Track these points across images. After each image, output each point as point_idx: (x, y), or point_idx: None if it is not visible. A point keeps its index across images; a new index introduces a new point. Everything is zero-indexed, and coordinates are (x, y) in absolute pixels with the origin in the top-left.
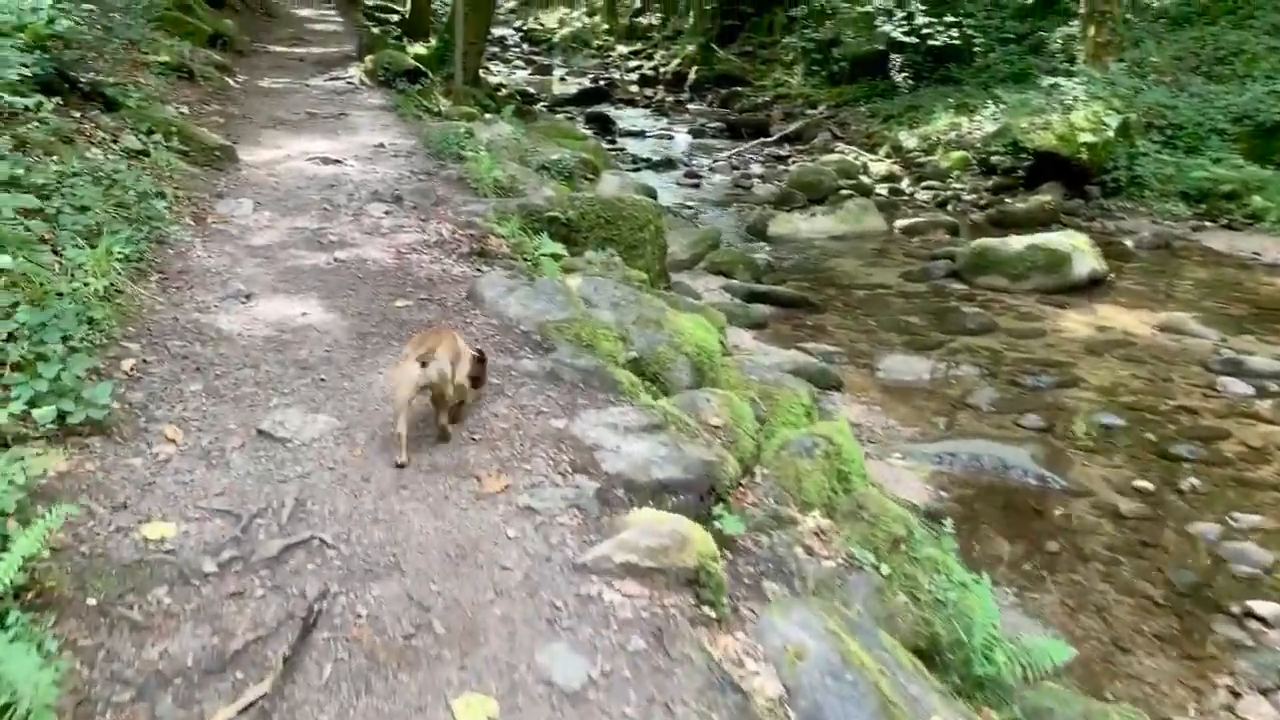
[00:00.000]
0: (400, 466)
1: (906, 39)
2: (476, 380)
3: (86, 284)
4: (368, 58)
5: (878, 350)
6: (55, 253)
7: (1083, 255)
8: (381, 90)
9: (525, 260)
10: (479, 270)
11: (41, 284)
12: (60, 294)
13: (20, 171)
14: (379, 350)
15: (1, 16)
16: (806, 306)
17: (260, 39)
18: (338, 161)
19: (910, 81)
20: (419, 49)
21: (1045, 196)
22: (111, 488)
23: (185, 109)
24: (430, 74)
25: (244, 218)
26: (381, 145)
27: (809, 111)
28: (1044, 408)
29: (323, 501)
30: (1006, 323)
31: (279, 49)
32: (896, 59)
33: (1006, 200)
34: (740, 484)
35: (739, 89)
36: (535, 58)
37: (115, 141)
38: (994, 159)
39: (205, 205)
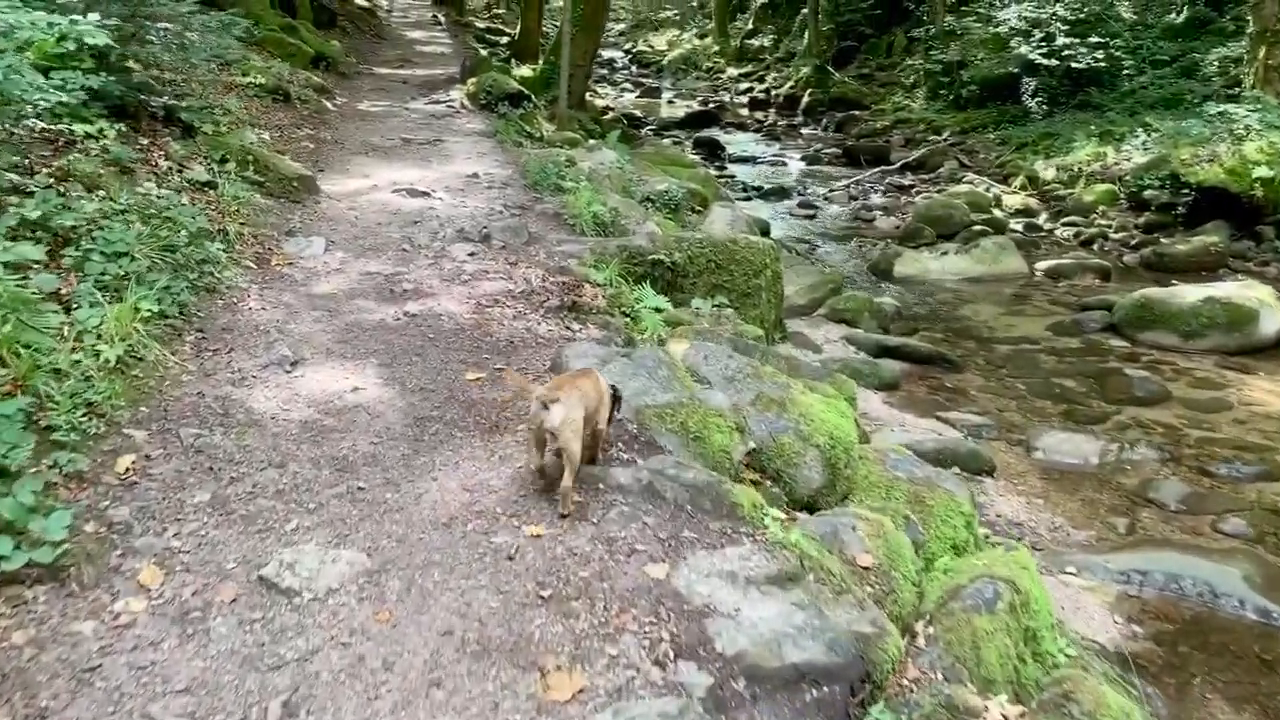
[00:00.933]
0: (563, 517)
1: (1045, 61)
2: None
3: (96, 352)
4: (470, 80)
5: (1031, 422)
6: (67, 311)
7: (1271, 311)
8: (482, 114)
9: (623, 315)
10: (569, 329)
11: (33, 357)
12: (58, 370)
13: (42, 212)
14: (438, 444)
15: (26, 34)
16: (943, 363)
17: (366, 60)
18: (425, 194)
19: (1044, 107)
20: (524, 71)
21: (1211, 237)
22: (34, 678)
23: (273, 134)
24: (534, 97)
25: (312, 259)
26: (475, 175)
27: (932, 138)
28: (1247, 507)
29: (322, 709)
30: (1182, 391)
31: (384, 70)
32: (1029, 82)
33: (1162, 240)
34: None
35: (856, 113)
36: (644, 80)
37: (181, 172)
38: (1146, 193)
39: (272, 244)
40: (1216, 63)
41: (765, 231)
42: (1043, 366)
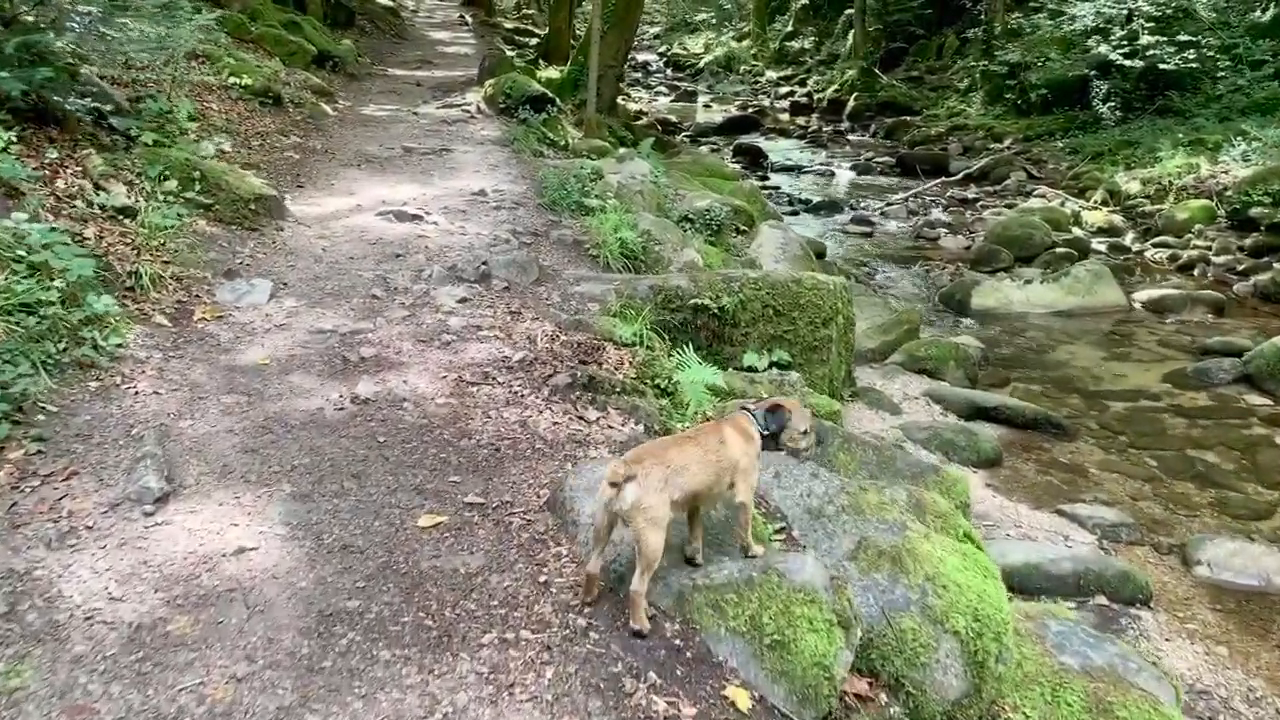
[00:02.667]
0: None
1: (1127, 61)
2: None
3: None
4: (488, 83)
5: (1178, 517)
6: None
7: None
8: (500, 120)
9: (656, 389)
10: (581, 419)
11: None
12: None
13: None
14: (345, 680)
15: None
16: (1050, 428)
17: (382, 60)
18: (417, 217)
19: (1118, 113)
20: (551, 73)
21: None
22: None
23: (251, 142)
24: (559, 101)
25: (251, 310)
26: (482, 193)
27: (993, 146)
28: None
29: None
30: None
31: (399, 72)
32: (1102, 85)
33: (1276, 265)
34: None
35: (906, 118)
36: (679, 84)
37: (97, 193)
38: (1253, 211)
39: (202, 290)
40: None
41: (821, 254)
42: (1171, 433)
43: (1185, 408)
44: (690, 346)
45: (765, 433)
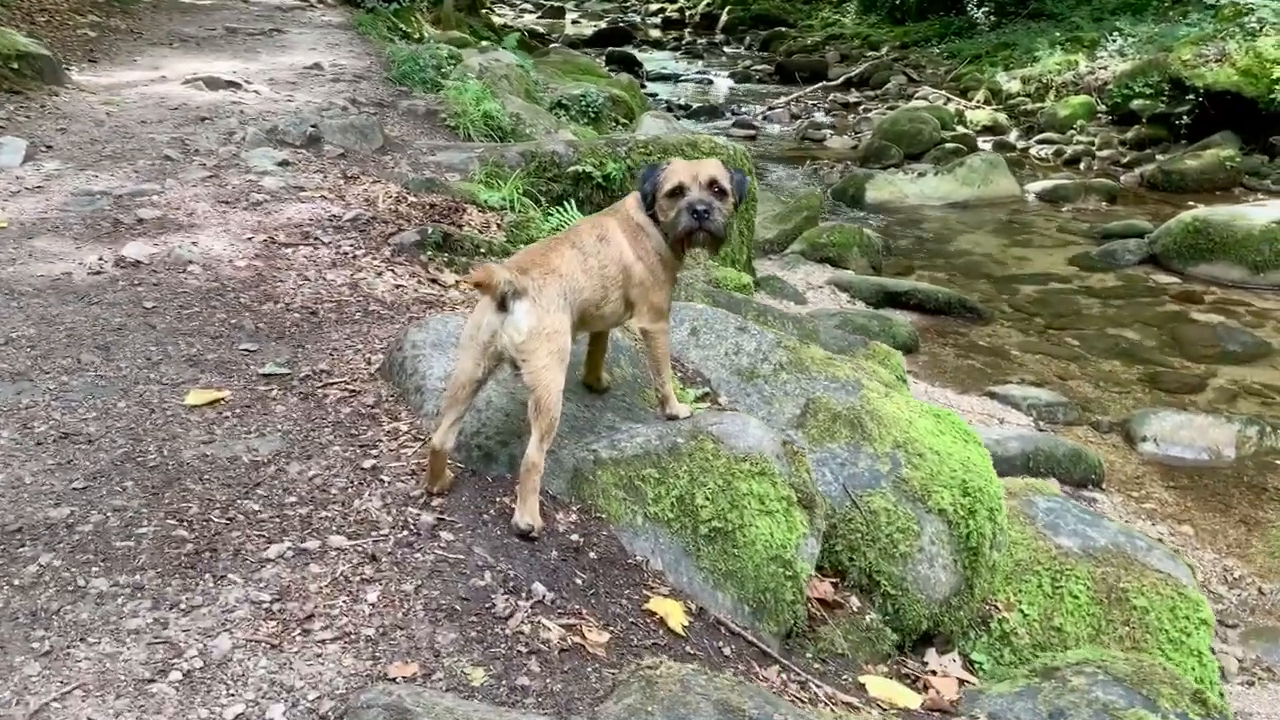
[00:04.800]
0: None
1: None
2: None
3: None
4: None
5: (1112, 395)
6: None
7: None
8: (344, 9)
9: None
10: (433, 282)
11: None
12: None
13: None
14: (24, 624)
15: None
16: (966, 312)
17: None
18: (233, 84)
19: (992, 17)
20: None
21: (1224, 150)
22: None
23: (36, 18)
24: None
25: None
26: (317, 66)
27: (870, 54)
28: None
29: None
30: None
31: None
32: None
33: (1159, 156)
34: None
35: (781, 29)
36: (544, 2)
37: None
38: (1134, 104)
39: None
40: None
41: None
42: (1087, 314)
43: (1096, 289)
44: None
45: (650, 212)
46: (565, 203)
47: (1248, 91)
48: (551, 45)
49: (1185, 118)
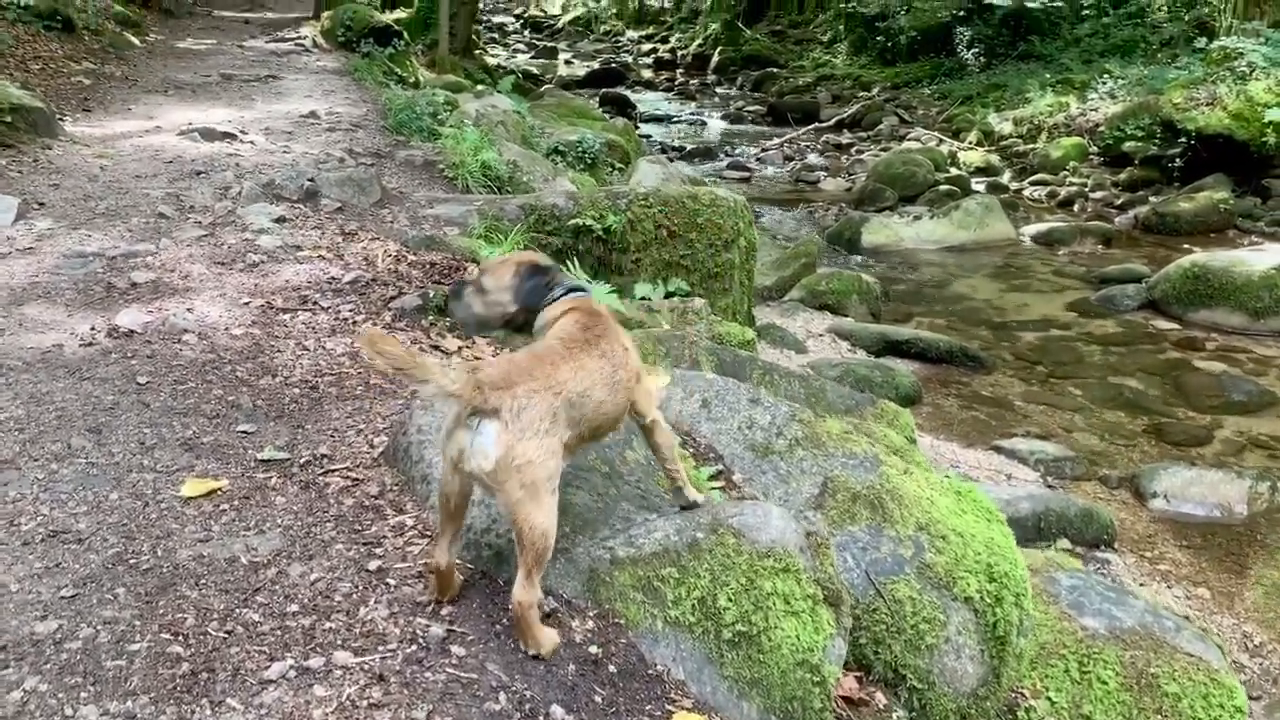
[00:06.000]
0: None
1: (997, 1)
2: None
3: None
4: (324, 14)
5: (1118, 448)
6: None
7: None
8: (339, 53)
9: None
10: (436, 349)
11: None
12: None
13: None
14: None
15: None
16: (966, 361)
17: (208, 2)
18: (229, 136)
19: (982, 58)
20: (397, 13)
21: (1217, 194)
22: None
23: (32, 67)
24: (407, 38)
25: None
26: (313, 115)
27: (861, 94)
28: None
29: None
30: None
31: (225, 13)
32: (964, 32)
33: (1151, 199)
34: None
35: (773, 70)
36: (538, 43)
37: None
38: (1126, 146)
39: None
40: (1164, 8)
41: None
42: (1089, 361)
43: (1096, 335)
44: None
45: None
46: (569, 261)
47: (1239, 135)
48: (545, 87)
49: (1178, 160)
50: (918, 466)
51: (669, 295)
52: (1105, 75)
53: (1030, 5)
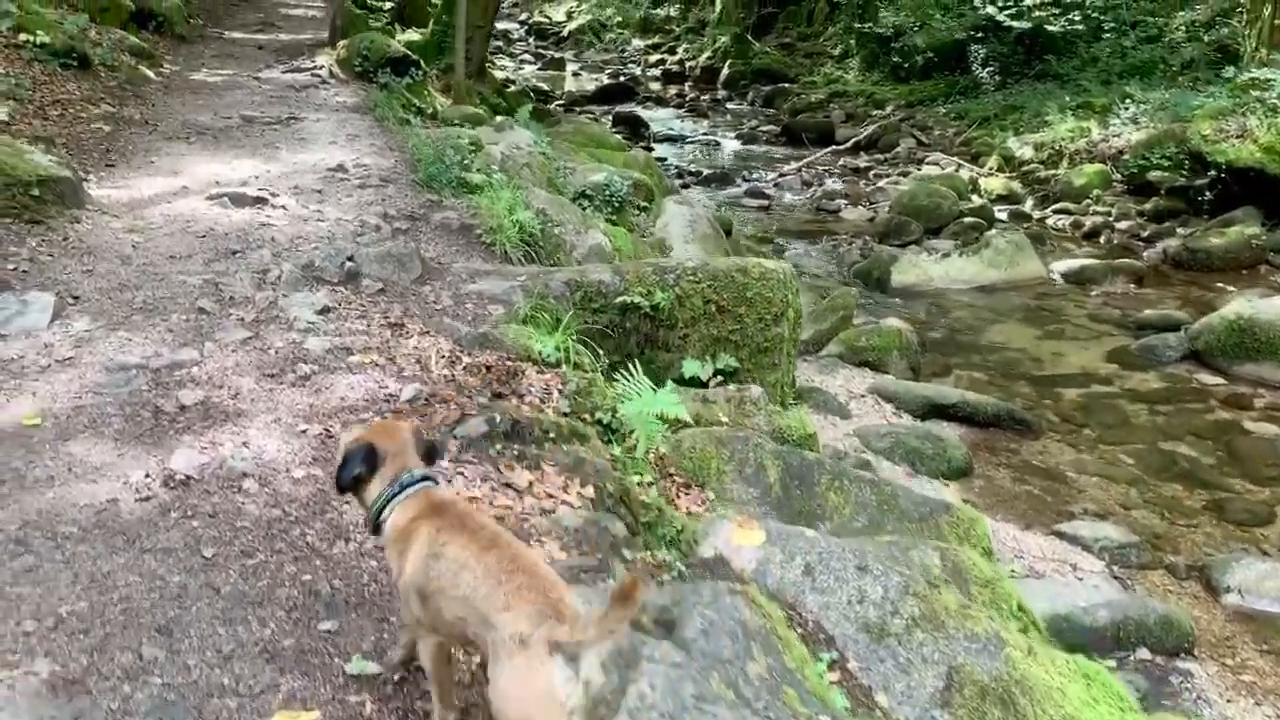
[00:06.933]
0: None
1: (1014, 24)
2: None
3: None
4: (341, 43)
5: (1180, 529)
6: None
7: None
8: (357, 84)
9: (601, 431)
10: (508, 486)
11: None
12: None
13: None
14: None
15: None
16: (1014, 425)
17: (218, 23)
18: (260, 201)
19: (997, 77)
20: (411, 35)
21: (1249, 228)
22: None
23: (50, 112)
24: (423, 65)
25: (22, 340)
26: (341, 168)
27: (875, 113)
28: None
29: None
30: None
31: (237, 35)
32: (979, 50)
33: (1179, 230)
34: None
35: (784, 86)
36: (544, 52)
37: None
38: (1151, 175)
39: None
40: (1183, 28)
41: (729, 231)
42: (1136, 423)
43: (1140, 391)
44: (627, 360)
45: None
46: (611, 337)
47: (1270, 169)
48: (556, 104)
49: (1207, 192)
50: (1038, 640)
51: (717, 373)
52: (1127, 99)
53: (1050, 29)
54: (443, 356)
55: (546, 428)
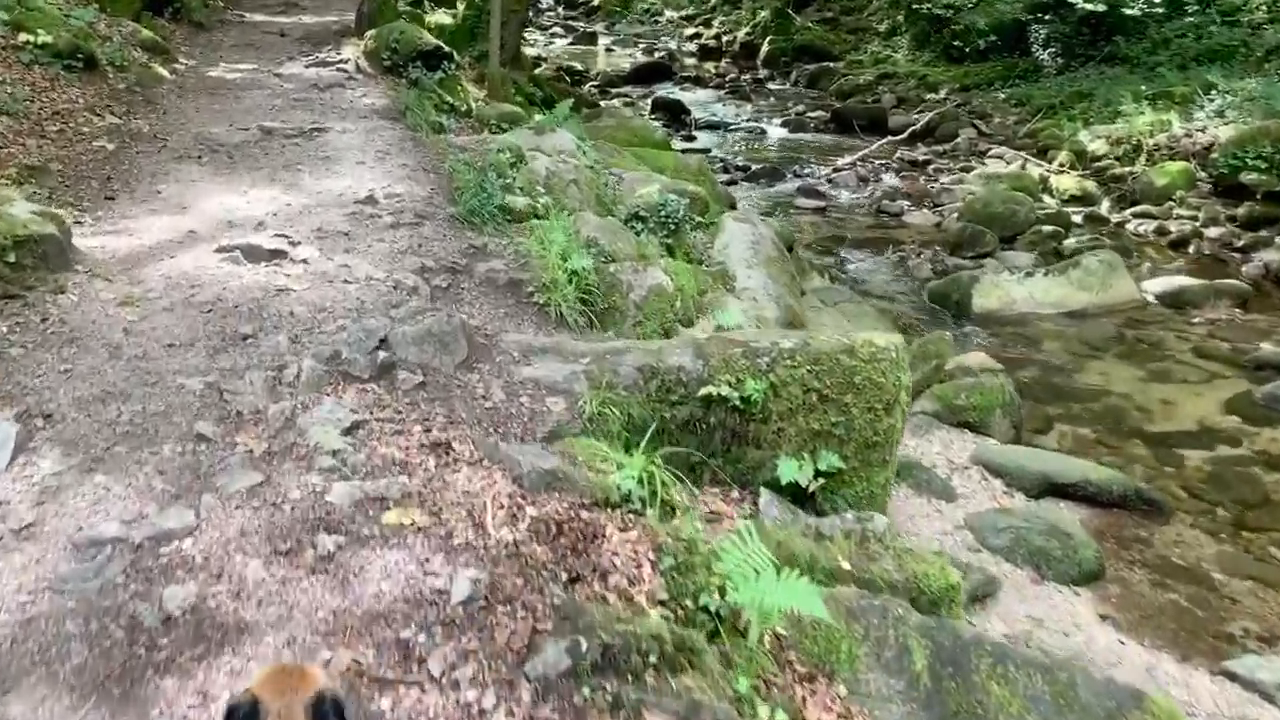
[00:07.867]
0: None
1: (1087, 3)
2: None
3: None
4: (368, 34)
5: None
6: None
7: None
8: (385, 81)
9: (709, 636)
10: None
11: None
12: None
13: None
14: None
15: None
16: (1142, 504)
17: (239, 3)
18: (277, 254)
19: (1059, 60)
20: (441, 18)
21: None
22: None
23: (48, 130)
24: (456, 55)
25: None
26: (371, 199)
27: (928, 97)
28: None
29: None
30: None
31: (258, 17)
32: (1039, 30)
33: (1278, 240)
34: None
35: (828, 65)
36: (574, 24)
37: None
38: (1244, 176)
39: None
40: (1265, 7)
41: (790, 246)
42: (1276, 498)
43: (1274, 455)
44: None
45: None
46: (691, 434)
47: None
48: (591, 87)
49: None
50: None
51: (818, 474)
52: (1211, 89)
53: (1126, 11)
54: (501, 507)
55: (645, 647)
